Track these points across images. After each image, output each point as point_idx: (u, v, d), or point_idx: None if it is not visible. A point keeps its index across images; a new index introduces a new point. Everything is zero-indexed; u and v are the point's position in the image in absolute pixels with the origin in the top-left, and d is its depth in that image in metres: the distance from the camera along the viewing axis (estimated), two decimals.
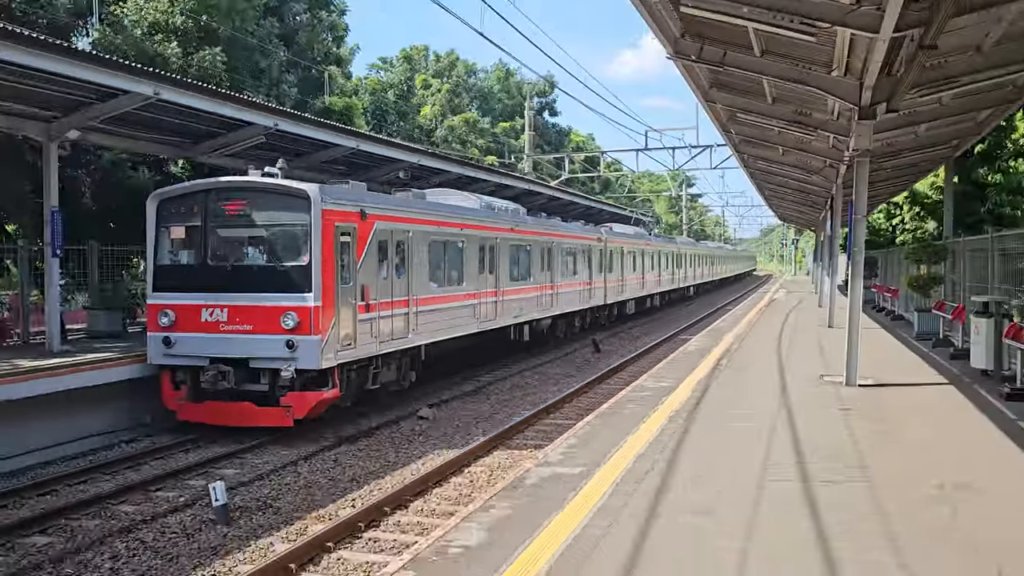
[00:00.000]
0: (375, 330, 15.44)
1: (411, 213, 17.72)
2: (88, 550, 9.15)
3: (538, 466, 9.08)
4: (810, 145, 21.20)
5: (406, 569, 6.05)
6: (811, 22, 10.38)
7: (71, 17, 26.76)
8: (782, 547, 6.46)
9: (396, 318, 16.31)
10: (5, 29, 12.81)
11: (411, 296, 16.98)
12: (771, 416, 11.60)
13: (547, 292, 26.02)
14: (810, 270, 79.10)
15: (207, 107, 16.33)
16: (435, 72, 70.99)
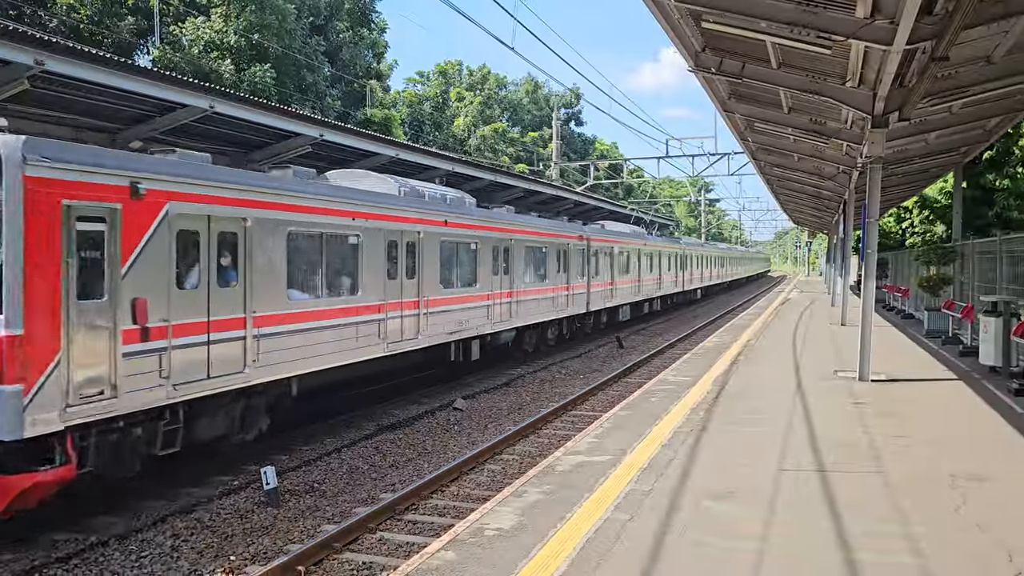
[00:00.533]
0: (167, 366, 9.86)
1: (251, 194, 11.59)
2: (150, 529, 9.28)
3: (567, 454, 9.07)
4: (824, 152, 20.97)
5: (446, 549, 6.07)
6: (827, 35, 10.27)
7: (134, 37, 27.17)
8: (800, 533, 6.41)
9: (220, 345, 10.75)
10: (78, 50, 13.03)
11: (249, 313, 11.29)
12: (787, 409, 11.51)
13: (503, 301, 20.35)
14: (823, 271, 78.26)
15: (258, 119, 16.50)
16: (468, 85, 71.18)
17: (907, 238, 39.37)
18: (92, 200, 9.11)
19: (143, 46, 30.95)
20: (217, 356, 10.70)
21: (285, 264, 12.19)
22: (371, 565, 8.20)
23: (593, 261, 28.01)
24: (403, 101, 57.74)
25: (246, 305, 11.31)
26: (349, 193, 14.30)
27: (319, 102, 35.18)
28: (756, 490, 7.49)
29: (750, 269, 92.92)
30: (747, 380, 14.37)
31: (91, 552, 8.52)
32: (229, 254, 11.18)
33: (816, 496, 7.34)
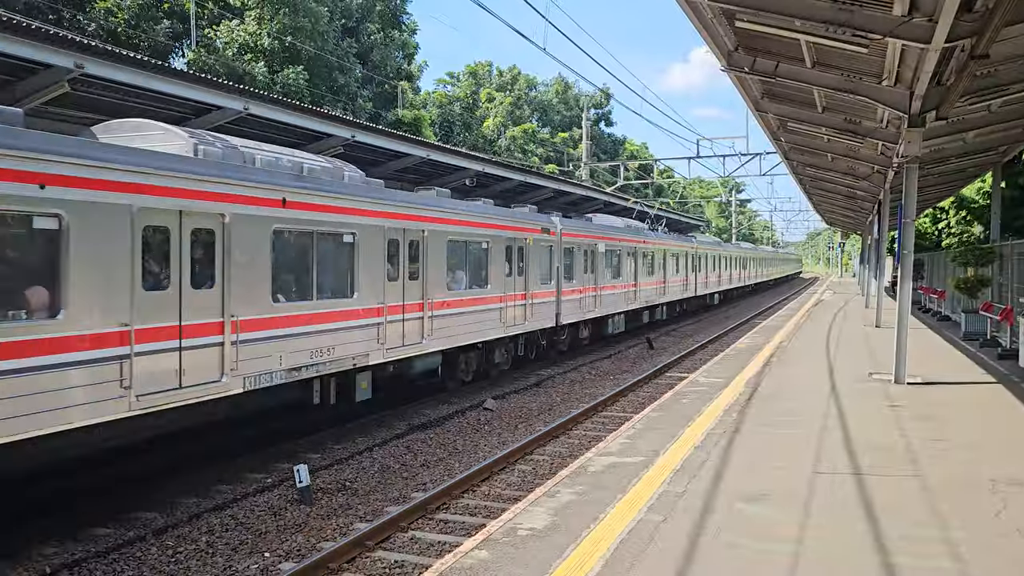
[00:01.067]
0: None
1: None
2: (185, 525, 9.41)
3: (599, 455, 9.05)
4: (859, 152, 20.73)
5: (479, 548, 6.09)
6: (863, 34, 10.15)
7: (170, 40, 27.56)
8: (836, 536, 6.34)
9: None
10: (116, 53, 13.25)
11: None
12: (821, 412, 11.39)
13: (409, 316, 14.37)
14: (856, 272, 77.30)
15: (291, 121, 16.66)
16: (498, 86, 71.29)
17: (943, 239, 38.84)
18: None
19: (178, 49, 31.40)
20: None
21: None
22: (403, 564, 8.24)
23: (567, 261, 22.54)
24: (433, 102, 58.00)
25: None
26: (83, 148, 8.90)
27: (351, 103, 35.43)
28: (791, 493, 7.43)
29: (779, 271, 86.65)
30: (780, 382, 14.24)
31: (129, 547, 8.65)
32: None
33: (852, 499, 7.26)
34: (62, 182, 8.30)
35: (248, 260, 10.76)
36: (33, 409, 7.94)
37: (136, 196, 9.11)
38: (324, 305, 12.30)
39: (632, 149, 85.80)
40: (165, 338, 9.46)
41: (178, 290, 9.65)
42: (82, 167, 8.55)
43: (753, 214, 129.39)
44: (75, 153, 8.56)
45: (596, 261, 24.89)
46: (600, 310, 25.25)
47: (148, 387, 9.17)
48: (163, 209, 9.48)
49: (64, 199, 8.30)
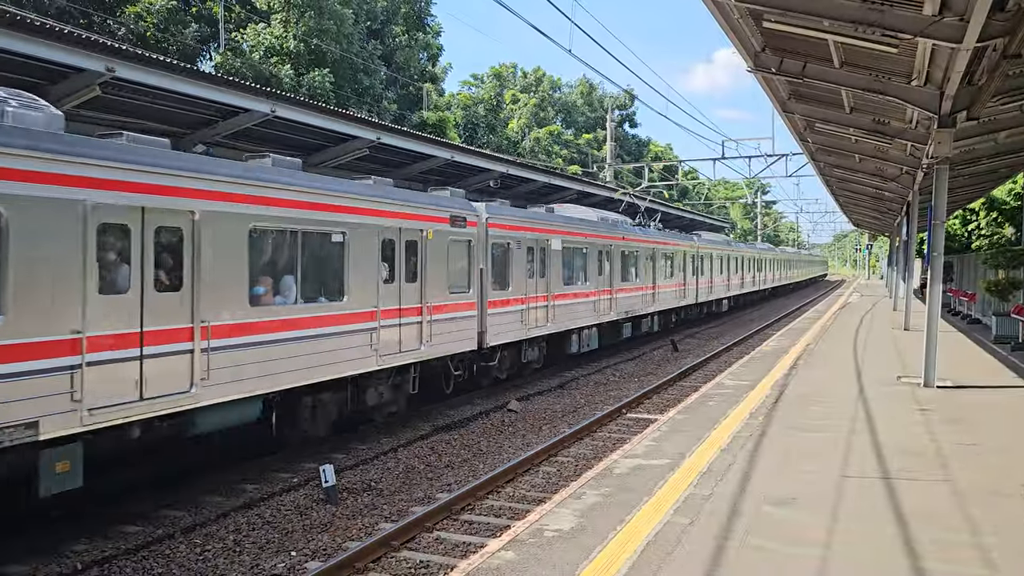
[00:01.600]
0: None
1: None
2: (214, 523, 9.51)
3: (624, 457, 9.04)
4: (887, 153, 20.52)
5: (506, 549, 6.11)
6: (893, 34, 10.06)
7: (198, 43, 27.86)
8: (865, 541, 6.28)
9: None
10: (146, 56, 13.42)
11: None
12: (850, 415, 11.29)
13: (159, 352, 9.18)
14: (884, 274, 76.48)
15: (317, 123, 16.79)
16: (522, 88, 71.34)
17: (973, 241, 38.36)
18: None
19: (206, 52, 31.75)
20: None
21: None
22: (428, 564, 8.27)
23: (496, 262, 17.23)
24: (457, 104, 58.16)
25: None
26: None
27: (375, 105, 35.63)
28: (819, 496, 7.37)
29: (801, 273, 79.83)
30: (807, 385, 14.13)
31: (158, 545, 8.76)
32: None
33: (881, 503, 7.19)
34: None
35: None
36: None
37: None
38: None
39: (657, 150, 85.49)
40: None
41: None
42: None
43: (779, 216, 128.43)
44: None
45: (546, 262, 19.21)
46: (555, 324, 19.77)
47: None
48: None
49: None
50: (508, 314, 17.61)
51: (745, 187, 76.40)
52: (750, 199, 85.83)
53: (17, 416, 7.65)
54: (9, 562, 8.14)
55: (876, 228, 66.26)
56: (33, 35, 11.24)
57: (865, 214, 51.03)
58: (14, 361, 7.69)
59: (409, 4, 45.62)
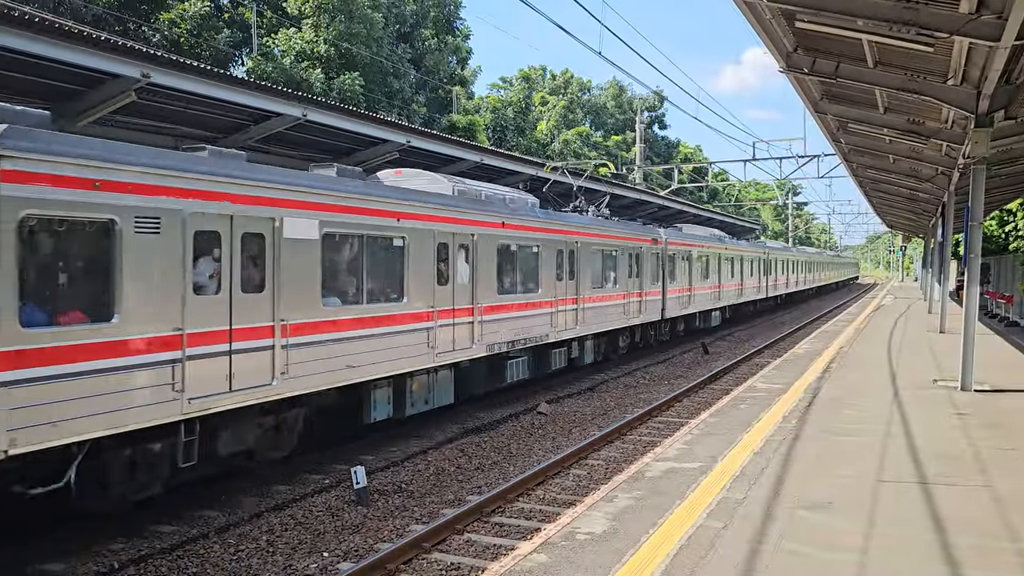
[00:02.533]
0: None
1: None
2: (247, 523, 9.60)
3: (656, 460, 8.99)
4: (922, 153, 20.23)
5: (538, 552, 6.10)
6: (929, 32, 9.91)
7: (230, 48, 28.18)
8: (903, 546, 6.19)
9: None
10: (180, 62, 13.61)
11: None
12: (884, 419, 11.13)
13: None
14: (918, 276, 75.37)
15: (348, 126, 16.93)
16: (551, 90, 71.31)
17: (1011, 242, 37.71)
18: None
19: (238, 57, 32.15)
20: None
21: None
22: (459, 566, 8.28)
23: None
24: (487, 106, 58.29)
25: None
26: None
27: (405, 108, 35.82)
28: (854, 501, 7.28)
29: (828, 276, 73.15)
30: (841, 388, 13.96)
31: (193, 544, 8.86)
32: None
33: (918, 509, 7.08)
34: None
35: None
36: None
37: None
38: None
39: (686, 152, 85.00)
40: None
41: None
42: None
43: (810, 217, 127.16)
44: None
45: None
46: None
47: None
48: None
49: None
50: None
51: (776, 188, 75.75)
52: (781, 200, 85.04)
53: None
54: (48, 560, 8.29)
55: (910, 229, 65.33)
56: (71, 42, 11.45)
57: (899, 215, 50.35)
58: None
59: (438, 8, 45.82)
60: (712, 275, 30.88)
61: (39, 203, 7.56)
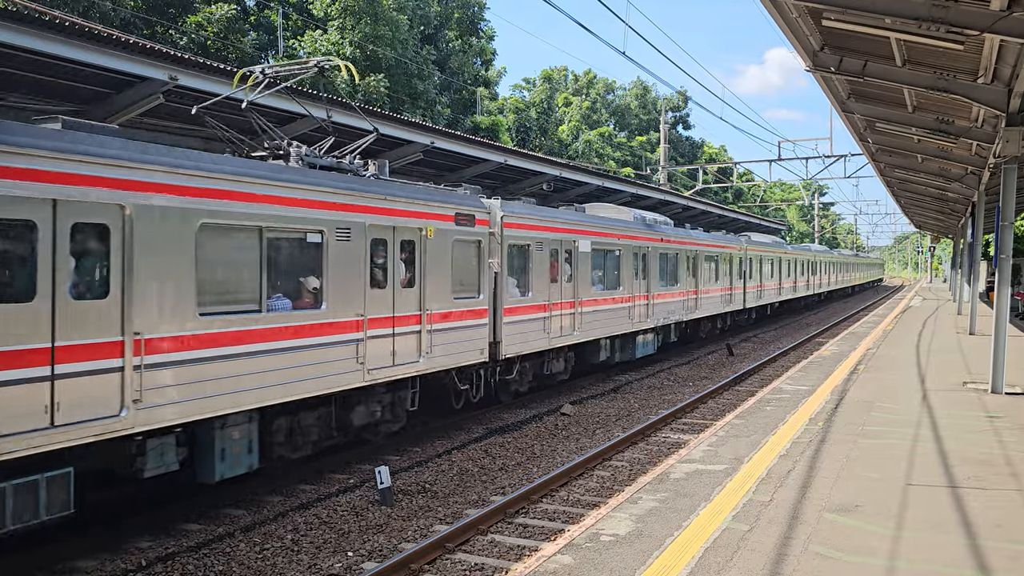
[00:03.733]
0: None
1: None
2: (272, 523, 9.66)
3: (681, 462, 8.93)
4: (951, 152, 19.96)
5: (562, 553, 6.08)
6: (959, 30, 9.77)
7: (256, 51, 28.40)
8: (934, 550, 6.11)
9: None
10: (207, 65, 13.73)
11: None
12: (913, 421, 10.99)
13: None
14: (947, 277, 74.37)
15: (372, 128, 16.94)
16: (574, 90, 71.20)
17: None
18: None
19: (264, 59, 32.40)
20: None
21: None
22: (483, 566, 8.27)
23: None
24: (510, 107, 58.33)
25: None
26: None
27: (429, 110, 35.91)
28: (883, 504, 7.19)
29: (846, 278, 64.91)
30: (868, 390, 13.80)
31: (219, 543, 8.92)
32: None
33: (949, 513, 6.98)
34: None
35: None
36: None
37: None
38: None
39: (711, 152, 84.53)
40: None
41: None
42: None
43: (837, 217, 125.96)
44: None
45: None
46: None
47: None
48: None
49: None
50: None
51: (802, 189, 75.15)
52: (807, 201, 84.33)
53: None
54: (77, 557, 8.39)
55: (939, 230, 64.50)
56: (102, 46, 11.59)
57: (927, 215, 49.73)
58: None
59: (463, 10, 45.92)
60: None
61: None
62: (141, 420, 8.30)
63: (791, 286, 41.37)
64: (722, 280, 29.42)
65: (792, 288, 41.64)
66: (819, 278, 50.36)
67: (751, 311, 34.63)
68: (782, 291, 39.05)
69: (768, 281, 35.92)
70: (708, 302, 27.67)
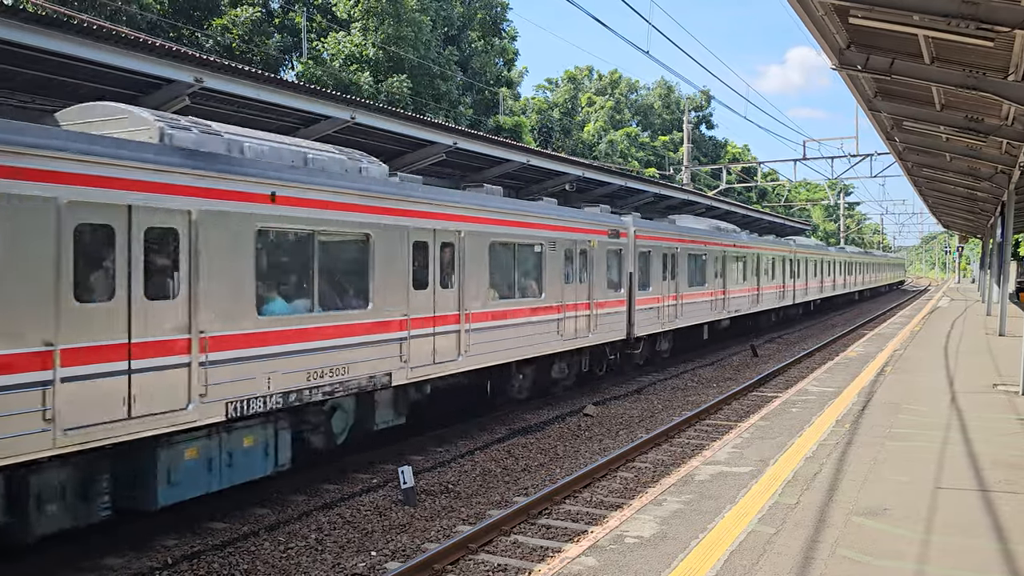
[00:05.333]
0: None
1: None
2: (296, 522, 9.70)
3: (706, 464, 8.87)
4: (980, 151, 19.67)
5: (586, 555, 6.05)
6: (989, 27, 9.61)
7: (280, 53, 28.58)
8: (965, 555, 6.01)
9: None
10: (232, 67, 13.84)
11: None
12: (942, 424, 10.84)
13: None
14: (975, 278, 73.36)
15: (396, 129, 17.00)
16: (597, 90, 71.01)
17: None
18: None
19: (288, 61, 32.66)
20: None
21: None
22: (506, 567, 8.25)
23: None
24: (533, 108, 58.29)
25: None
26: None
27: (452, 110, 35.99)
28: (912, 508, 7.09)
29: (857, 280, 55.44)
30: (896, 392, 13.63)
31: (244, 541, 8.98)
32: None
33: (980, 517, 6.87)
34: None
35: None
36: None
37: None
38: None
39: (734, 152, 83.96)
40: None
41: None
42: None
43: (862, 217, 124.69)
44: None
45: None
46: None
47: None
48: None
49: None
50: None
51: (827, 188, 74.43)
52: (832, 201, 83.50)
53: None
54: (105, 555, 8.47)
55: (967, 230, 63.62)
56: (127, 49, 11.70)
57: (956, 215, 49.09)
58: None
59: (485, 10, 45.96)
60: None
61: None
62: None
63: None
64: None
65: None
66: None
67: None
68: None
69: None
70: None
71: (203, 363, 8.65)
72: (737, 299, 28.13)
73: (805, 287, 38.59)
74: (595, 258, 17.64)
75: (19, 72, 11.34)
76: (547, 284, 15.80)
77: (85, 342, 7.49)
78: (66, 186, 7.36)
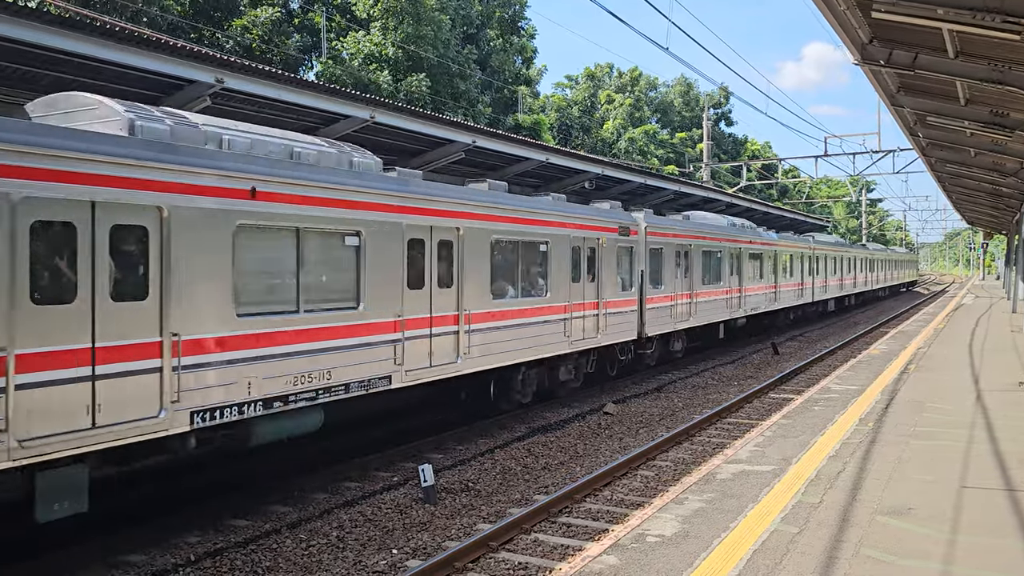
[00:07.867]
0: None
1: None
2: (318, 519, 9.75)
3: (727, 463, 8.82)
4: (1006, 146, 19.40)
5: (607, 553, 6.03)
6: (1015, 20, 9.47)
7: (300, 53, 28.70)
8: (991, 555, 5.93)
9: None
10: (253, 67, 13.91)
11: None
12: (967, 422, 10.71)
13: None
14: (1000, 274, 72.45)
15: (415, 128, 17.01)
16: (617, 88, 70.79)
17: None
18: None
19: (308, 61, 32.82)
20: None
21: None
22: (527, 565, 8.24)
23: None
24: (552, 106, 58.20)
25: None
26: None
27: (471, 109, 36.01)
28: (937, 507, 7.01)
29: (850, 282, 45.10)
30: (920, 390, 13.49)
31: (266, 539, 9.03)
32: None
33: (1006, 517, 6.78)
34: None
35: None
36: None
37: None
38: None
39: (754, 148, 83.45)
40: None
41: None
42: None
43: (885, 214, 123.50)
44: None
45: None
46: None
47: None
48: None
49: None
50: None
51: (849, 185, 73.80)
52: (855, 197, 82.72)
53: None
54: (129, 552, 8.55)
55: (992, 226, 62.83)
56: (149, 50, 11.79)
57: (980, 211, 48.49)
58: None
59: (504, 8, 45.94)
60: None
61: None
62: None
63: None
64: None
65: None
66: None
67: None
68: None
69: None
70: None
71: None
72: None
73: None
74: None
75: (43, 74, 11.45)
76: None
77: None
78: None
